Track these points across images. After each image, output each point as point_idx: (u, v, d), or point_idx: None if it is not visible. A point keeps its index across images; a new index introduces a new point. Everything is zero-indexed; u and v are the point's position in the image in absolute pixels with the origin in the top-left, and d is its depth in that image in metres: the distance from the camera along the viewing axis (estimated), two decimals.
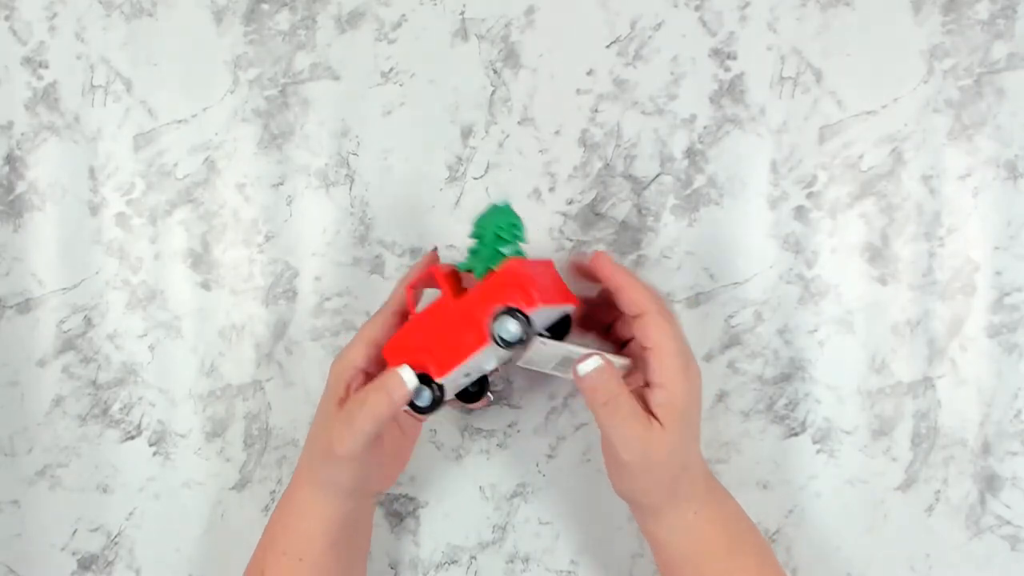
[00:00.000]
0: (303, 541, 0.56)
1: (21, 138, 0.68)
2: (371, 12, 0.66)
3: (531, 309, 0.51)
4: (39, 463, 0.69)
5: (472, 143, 0.66)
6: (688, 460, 0.53)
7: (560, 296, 0.55)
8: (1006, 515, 0.63)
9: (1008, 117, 0.62)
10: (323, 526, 0.56)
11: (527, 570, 0.66)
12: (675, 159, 0.64)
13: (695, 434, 0.54)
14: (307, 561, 0.56)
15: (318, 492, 0.56)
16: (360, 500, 0.57)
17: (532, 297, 0.51)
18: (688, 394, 0.52)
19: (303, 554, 0.56)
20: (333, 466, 0.54)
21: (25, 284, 0.68)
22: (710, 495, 0.55)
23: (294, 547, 0.56)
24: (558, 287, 0.56)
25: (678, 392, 0.51)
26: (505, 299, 0.52)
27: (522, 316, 0.51)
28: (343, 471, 0.54)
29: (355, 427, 0.52)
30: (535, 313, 0.51)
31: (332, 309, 0.67)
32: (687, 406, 0.52)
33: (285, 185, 0.67)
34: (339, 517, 0.56)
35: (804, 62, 0.63)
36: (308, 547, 0.56)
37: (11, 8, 0.68)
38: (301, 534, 0.56)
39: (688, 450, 0.53)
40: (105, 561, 0.69)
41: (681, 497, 0.53)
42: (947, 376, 0.63)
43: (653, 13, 0.64)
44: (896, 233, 0.63)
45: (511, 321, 0.51)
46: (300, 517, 0.57)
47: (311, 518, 0.56)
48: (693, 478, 0.54)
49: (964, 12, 0.62)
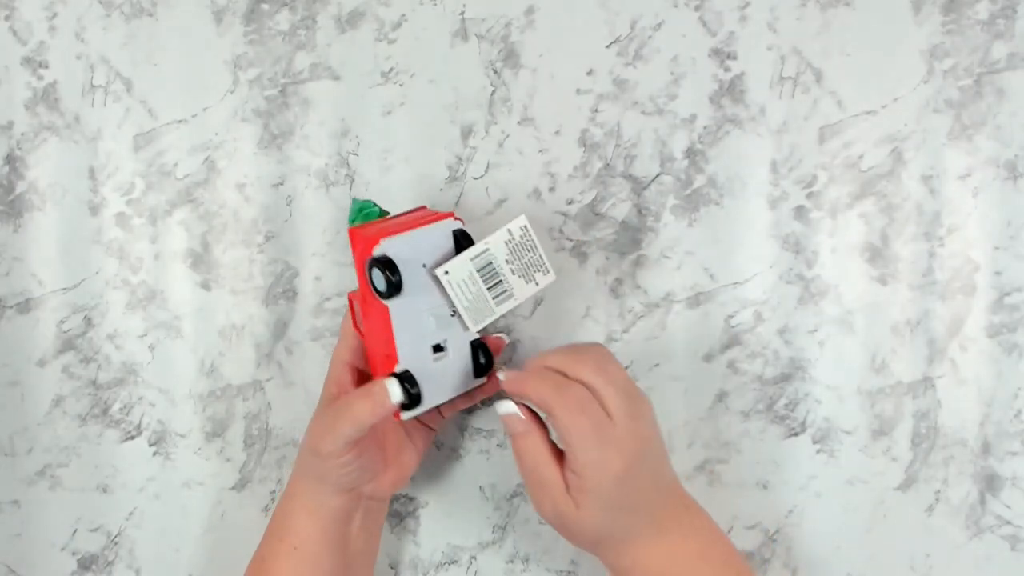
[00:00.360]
0: (297, 531, 0.57)
1: (21, 138, 0.68)
2: (371, 12, 0.66)
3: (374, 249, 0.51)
4: (39, 463, 0.69)
5: (472, 143, 0.66)
6: (607, 532, 0.52)
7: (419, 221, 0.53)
8: (1006, 515, 0.63)
9: (1008, 117, 0.62)
10: (314, 519, 0.57)
11: (527, 570, 0.66)
12: (675, 159, 0.64)
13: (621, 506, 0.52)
14: (301, 551, 0.57)
15: (310, 484, 0.57)
16: (353, 499, 0.58)
17: (369, 240, 0.51)
18: (601, 485, 0.50)
19: (298, 544, 0.57)
20: (318, 462, 0.55)
21: (25, 284, 0.68)
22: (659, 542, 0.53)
23: (289, 536, 0.57)
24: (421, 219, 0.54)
25: (589, 482, 0.50)
26: (359, 261, 0.52)
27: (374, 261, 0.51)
28: (328, 468, 0.55)
29: (336, 429, 0.53)
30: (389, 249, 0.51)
31: (332, 309, 0.67)
32: (601, 494, 0.51)
33: (285, 185, 0.67)
34: (329, 512, 0.57)
35: (804, 62, 0.63)
36: (302, 538, 0.57)
37: (11, 8, 0.68)
38: (295, 524, 0.57)
39: (606, 526, 0.52)
40: (105, 561, 0.69)
41: (607, 554, 0.53)
42: (947, 376, 0.63)
43: (653, 13, 0.64)
44: (896, 233, 0.63)
45: (373, 274, 0.51)
46: (295, 508, 0.58)
47: (303, 510, 0.57)
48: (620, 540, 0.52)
49: (964, 12, 0.62)
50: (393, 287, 0.51)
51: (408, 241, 0.52)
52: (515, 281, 0.54)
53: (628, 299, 0.65)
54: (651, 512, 0.53)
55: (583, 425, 0.50)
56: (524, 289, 0.55)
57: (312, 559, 0.57)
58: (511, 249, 0.54)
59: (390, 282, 0.51)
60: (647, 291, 0.65)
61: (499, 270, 0.54)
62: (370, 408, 0.53)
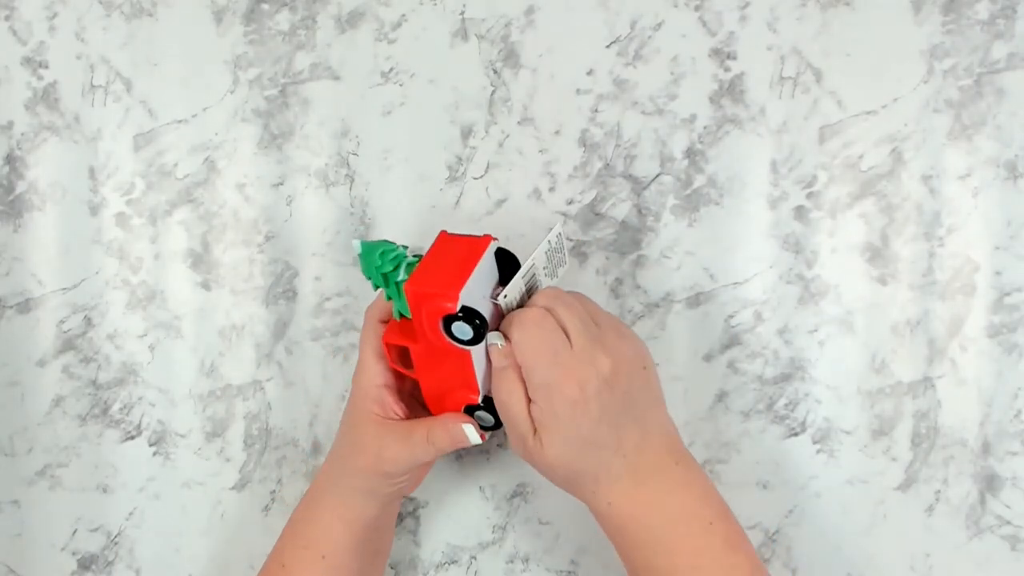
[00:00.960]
0: (327, 540, 0.57)
1: (21, 138, 0.68)
2: (371, 12, 0.66)
3: (454, 305, 0.50)
4: (39, 463, 0.69)
5: (472, 143, 0.66)
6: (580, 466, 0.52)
7: (469, 257, 0.53)
8: (1006, 515, 0.63)
9: (1008, 117, 0.62)
10: (349, 528, 0.57)
11: (527, 570, 0.66)
12: (675, 159, 0.64)
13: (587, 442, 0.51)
14: (329, 560, 0.57)
15: (347, 496, 0.57)
16: (387, 504, 0.58)
17: (446, 297, 0.50)
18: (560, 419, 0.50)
19: (326, 552, 0.57)
20: (375, 479, 0.56)
21: (25, 284, 0.68)
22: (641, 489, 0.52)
23: (317, 544, 0.57)
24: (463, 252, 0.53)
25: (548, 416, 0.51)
26: (433, 317, 0.51)
27: (455, 316, 0.50)
28: (385, 484, 0.56)
29: (415, 454, 0.55)
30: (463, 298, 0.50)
31: (332, 309, 0.67)
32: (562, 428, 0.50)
33: (285, 185, 0.67)
34: (365, 520, 0.57)
35: (804, 62, 0.63)
36: (331, 546, 0.57)
37: (11, 8, 0.68)
38: (325, 534, 0.57)
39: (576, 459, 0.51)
40: (105, 561, 0.69)
41: (584, 492, 0.53)
42: (947, 376, 0.63)
43: (653, 13, 0.64)
44: (896, 233, 0.63)
45: (454, 326, 0.51)
46: (324, 518, 0.58)
47: (335, 520, 0.57)
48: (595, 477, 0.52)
49: (964, 12, 0.62)
50: (480, 334, 0.51)
51: (473, 282, 0.51)
52: (545, 280, 0.55)
53: (628, 299, 0.65)
54: (626, 454, 0.52)
55: (536, 343, 0.50)
56: (549, 284, 0.56)
57: (340, 567, 0.57)
58: (548, 256, 0.55)
59: (478, 331, 0.51)
60: (647, 291, 0.65)
61: (538, 276, 0.55)
62: (449, 443, 0.54)
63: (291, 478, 0.68)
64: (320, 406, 0.67)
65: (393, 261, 0.53)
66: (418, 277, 0.52)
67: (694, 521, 0.52)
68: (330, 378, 0.67)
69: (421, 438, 0.55)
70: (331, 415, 0.67)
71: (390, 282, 0.53)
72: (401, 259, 0.53)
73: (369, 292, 0.66)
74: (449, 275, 0.51)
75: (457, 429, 0.54)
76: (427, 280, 0.51)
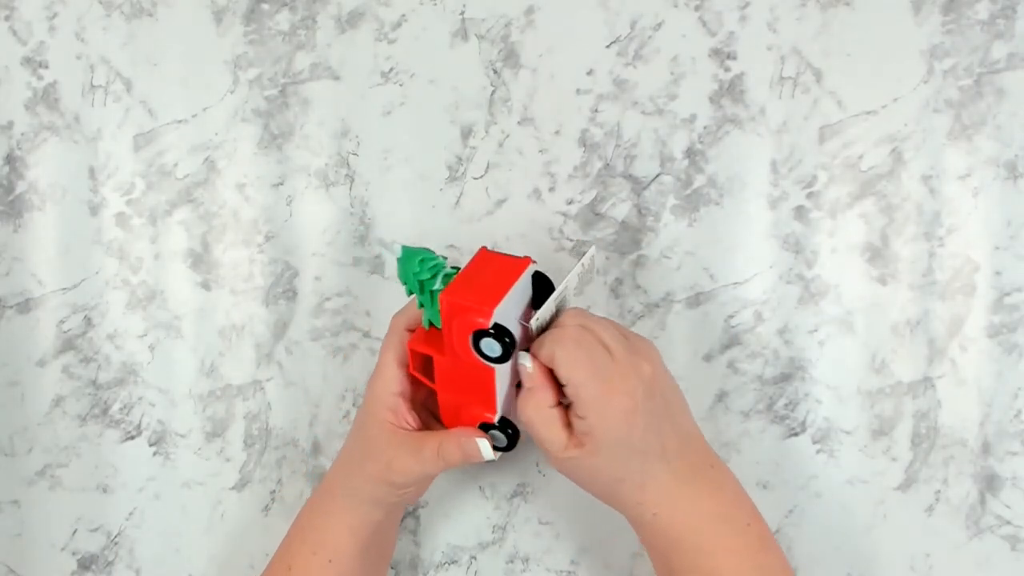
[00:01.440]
0: (333, 545, 0.57)
1: (21, 138, 0.68)
2: (371, 12, 0.66)
3: (487, 320, 0.50)
4: (39, 463, 0.69)
5: (472, 143, 0.66)
6: (625, 474, 0.52)
7: (508, 276, 0.53)
8: (1006, 515, 0.63)
9: (1008, 117, 0.62)
10: (355, 534, 0.57)
11: (527, 570, 0.66)
12: (675, 159, 0.64)
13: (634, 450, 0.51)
14: (336, 564, 0.57)
15: (354, 502, 0.57)
16: (392, 511, 0.59)
17: (480, 312, 0.50)
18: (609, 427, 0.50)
19: (332, 556, 0.57)
20: (382, 488, 0.56)
21: (25, 284, 0.68)
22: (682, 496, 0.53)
23: (324, 549, 0.57)
24: (502, 269, 0.53)
25: (597, 426, 0.50)
26: (464, 330, 0.51)
27: (486, 332, 0.50)
28: (392, 494, 0.56)
29: (425, 467, 0.55)
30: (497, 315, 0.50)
31: (332, 309, 0.67)
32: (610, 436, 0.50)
33: (285, 185, 0.67)
34: (371, 526, 0.57)
35: (804, 62, 0.63)
36: (338, 551, 0.57)
37: (11, 8, 0.68)
38: (332, 539, 0.57)
39: (621, 467, 0.52)
40: (105, 561, 0.69)
41: (628, 503, 0.53)
42: (947, 376, 0.63)
43: (653, 13, 0.64)
44: (896, 233, 0.63)
45: (483, 342, 0.51)
46: (332, 523, 0.58)
47: (342, 526, 0.57)
48: (640, 485, 0.52)
49: (964, 12, 0.62)
50: (508, 354, 0.51)
51: (508, 301, 0.51)
52: (573, 300, 0.55)
53: (628, 299, 0.65)
54: (669, 460, 0.52)
55: (581, 359, 0.50)
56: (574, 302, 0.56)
57: (346, 571, 0.57)
58: (580, 277, 0.55)
59: (506, 349, 0.50)
60: (647, 291, 0.65)
61: (568, 298, 0.55)
62: (461, 458, 0.54)
63: (291, 478, 0.68)
64: (320, 406, 0.67)
65: (432, 270, 0.53)
66: (454, 288, 0.51)
67: (732, 522, 0.53)
68: (330, 378, 0.67)
69: (432, 451, 0.55)
70: (331, 415, 0.67)
71: (425, 290, 0.53)
72: (439, 269, 0.53)
73: (369, 292, 0.66)
74: (485, 291, 0.51)
75: (471, 444, 0.54)
76: (463, 293, 0.51)
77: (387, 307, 0.66)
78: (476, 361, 0.52)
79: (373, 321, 0.67)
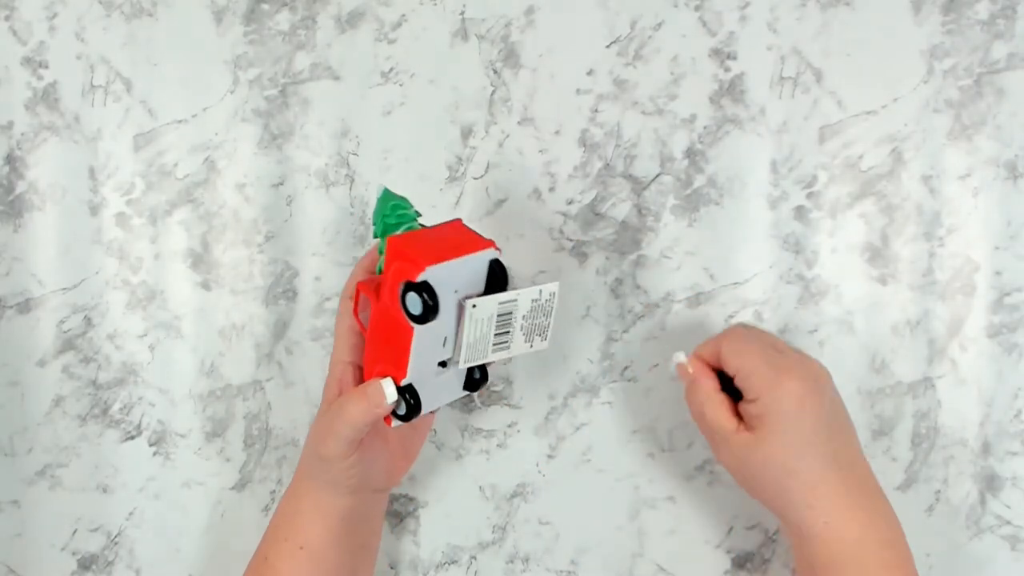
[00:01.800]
0: (303, 531, 0.57)
1: (21, 138, 0.68)
2: (371, 12, 0.66)
3: (416, 274, 0.49)
4: (39, 463, 0.69)
5: (472, 143, 0.66)
6: (796, 466, 0.51)
7: (462, 248, 0.52)
8: (1006, 515, 0.63)
9: (1008, 117, 0.62)
10: (322, 519, 0.57)
11: (527, 570, 0.66)
12: (675, 159, 0.64)
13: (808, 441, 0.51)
14: (307, 550, 0.57)
15: (316, 486, 0.57)
16: (362, 496, 0.58)
17: (415, 264, 0.49)
18: (783, 412, 0.50)
19: (304, 543, 0.57)
20: (322, 465, 0.55)
21: (25, 284, 0.68)
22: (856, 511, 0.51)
23: (295, 536, 0.57)
24: (461, 242, 0.52)
25: (771, 410, 0.51)
26: (395, 277, 0.50)
27: (414, 285, 0.49)
28: (333, 470, 0.55)
29: (335, 431, 0.53)
30: (429, 273, 0.49)
31: (332, 309, 0.67)
32: (783, 422, 0.50)
33: (285, 185, 0.67)
34: (338, 511, 0.57)
35: (804, 62, 0.63)
36: (308, 537, 0.57)
37: (11, 8, 0.68)
38: (301, 524, 0.57)
39: (793, 458, 0.51)
40: (105, 561, 0.69)
41: (799, 504, 0.51)
42: (947, 376, 0.63)
43: (653, 13, 0.64)
44: (896, 233, 0.63)
45: (409, 296, 0.50)
46: (300, 508, 0.58)
47: (310, 510, 0.57)
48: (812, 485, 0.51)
49: (964, 12, 0.62)
50: (428, 315, 0.50)
51: (450, 269, 0.51)
52: (518, 336, 0.54)
53: (628, 299, 0.65)
54: (841, 466, 0.51)
55: (751, 349, 0.52)
56: (520, 346, 0.54)
57: (318, 558, 0.57)
58: (533, 308, 0.54)
59: (427, 308, 0.50)
60: (647, 291, 0.65)
61: (513, 322, 0.54)
62: (365, 408, 0.53)
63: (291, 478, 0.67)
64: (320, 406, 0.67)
65: (399, 218, 0.53)
66: (406, 238, 0.51)
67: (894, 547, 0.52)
68: None
69: (337, 405, 0.54)
70: None
71: (385, 235, 0.53)
72: (408, 220, 0.53)
73: None
74: (433, 251, 0.51)
75: (373, 386, 0.53)
76: (411, 244, 0.51)
77: None
78: (399, 315, 0.51)
79: None
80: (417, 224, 0.54)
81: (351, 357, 0.57)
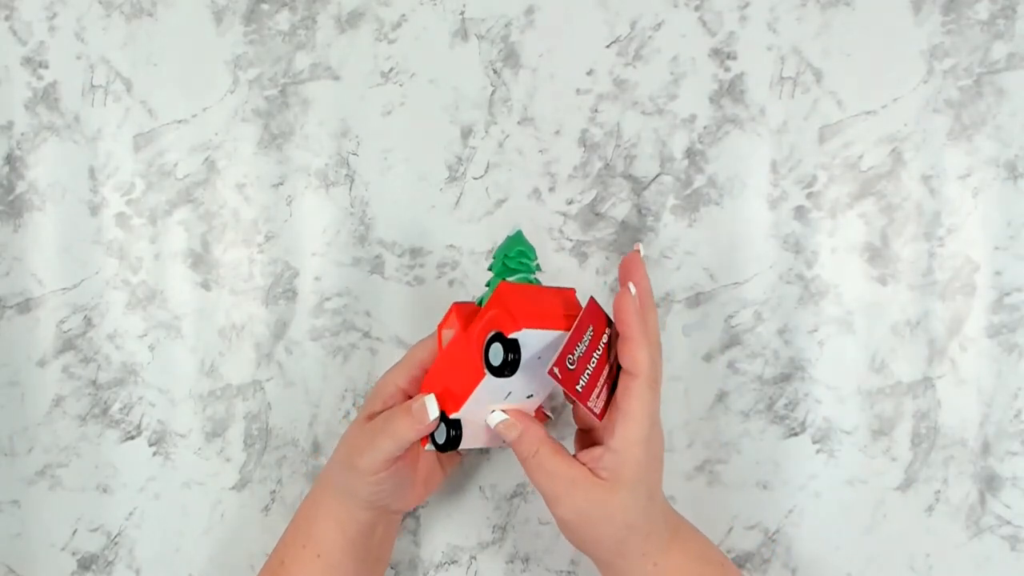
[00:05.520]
0: (322, 540, 0.57)
1: (21, 138, 0.68)
2: (371, 12, 0.66)
3: (512, 330, 0.49)
4: (39, 463, 0.69)
5: (472, 143, 0.66)
6: (637, 521, 0.51)
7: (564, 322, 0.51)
8: (1006, 515, 0.63)
9: (1008, 117, 0.62)
10: (342, 530, 0.57)
11: (527, 570, 0.66)
12: (675, 159, 0.64)
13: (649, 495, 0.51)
14: (325, 559, 0.57)
15: (338, 497, 0.57)
16: (379, 514, 0.58)
17: (515, 319, 0.49)
18: (639, 464, 0.50)
19: (321, 551, 0.57)
20: (352, 476, 0.56)
21: (25, 284, 0.68)
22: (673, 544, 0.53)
23: (313, 543, 0.58)
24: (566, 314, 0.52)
25: (629, 461, 0.50)
26: (489, 324, 0.50)
27: (502, 337, 0.49)
28: (361, 483, 0.55)
29: (375, 444, 0.54)
30: (524, 336, 0.49)
31: (332, 309, 0.67)
32: (636, 474, 0.50)
33: (285, 185, 0.67)
34: (357, 524, 0.57)
35: (804, 62, 0.63)
36: (326, 546, 0.57)
37: (11, 8, 0.68)
38: (320, 533, 0.58)
39: (637, 511, 0.51)
40: (105, 561, 0.69)
41: (634, 554, 0.52)
42: (947, 376, 0.63)
43: (653, 13, 0.64)
44: (896, 233, 0.63)
45: (493, 347, 0.50)
46: (320, 517, 0.58)
47: (330, 520, 0.57)
48: (647, 534, 0.52)
49: (964, 12, 0.62)
50: (504, 370, 0.50)
51: (542, 337, 0.50)
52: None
53: None
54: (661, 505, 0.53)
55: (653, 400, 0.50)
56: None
57: (334, 567, 0.57)
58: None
59: (505, 364, 0.49)
60: None
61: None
62: (409, 424, 0.53)
63: (291, 478, 0.68)
64: (320, 406, 0.67)
65: (520, 265, 0.53)
66: (517, 289, 0.51)
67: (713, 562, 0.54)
68: (330, 378, 0.67)
69: (382, 419, 0.54)
70: (331, 415, 0.67)
71: (497, 274, 0.53)
72: (525, 270, 0.53)
73: (369, 292, 0.66)
74: (536, 313, 0.50)
75: (418, 402, 0.53)
76: (518, 297, 0.50)
77: (387, 307, 0.66)
78: (477, 356, 0.51)
79: (373, 321, 0.67)
80: (533, 279, 0.54)
81: (406, 384, 0.57)
